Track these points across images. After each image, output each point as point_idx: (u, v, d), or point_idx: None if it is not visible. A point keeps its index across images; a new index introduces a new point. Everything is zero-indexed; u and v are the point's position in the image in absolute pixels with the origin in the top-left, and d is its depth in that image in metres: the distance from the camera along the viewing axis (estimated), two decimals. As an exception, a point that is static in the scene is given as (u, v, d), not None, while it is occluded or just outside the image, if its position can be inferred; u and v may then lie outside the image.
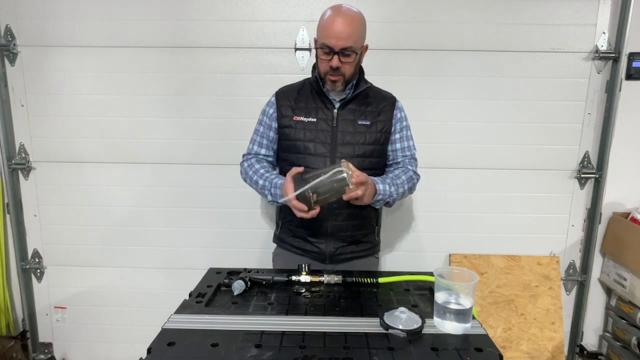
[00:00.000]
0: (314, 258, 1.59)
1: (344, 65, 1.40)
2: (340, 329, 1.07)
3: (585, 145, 2.21)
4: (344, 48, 1.37)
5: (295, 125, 1.51)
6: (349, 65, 1.42)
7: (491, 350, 0.99)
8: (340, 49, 1.37)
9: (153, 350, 0.98)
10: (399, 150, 1.58)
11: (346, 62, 1.40)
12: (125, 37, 2.12)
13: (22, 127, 2.22)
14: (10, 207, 2.25)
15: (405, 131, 1.59)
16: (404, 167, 1.57)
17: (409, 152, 1.59)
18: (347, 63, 1.41)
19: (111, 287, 2.36)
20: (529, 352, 2.21)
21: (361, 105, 1.52)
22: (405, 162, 1.58)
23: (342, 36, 1.36)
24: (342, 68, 1.41)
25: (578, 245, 2.31)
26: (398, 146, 1.58)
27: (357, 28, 1.39)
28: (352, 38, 1.37)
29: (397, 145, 1.57)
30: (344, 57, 1.39)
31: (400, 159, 1.58)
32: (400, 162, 1.58)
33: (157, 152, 2.23)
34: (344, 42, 1.37)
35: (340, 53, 1.38)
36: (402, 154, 1.58)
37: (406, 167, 1.57)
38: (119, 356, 2.42)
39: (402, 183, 1.51)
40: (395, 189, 1.47)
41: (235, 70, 2.15)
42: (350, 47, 1.38)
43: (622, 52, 2.06)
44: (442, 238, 2.30)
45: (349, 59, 1.40)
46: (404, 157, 1.58)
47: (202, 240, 2.31)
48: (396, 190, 1.47)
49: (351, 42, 1.37)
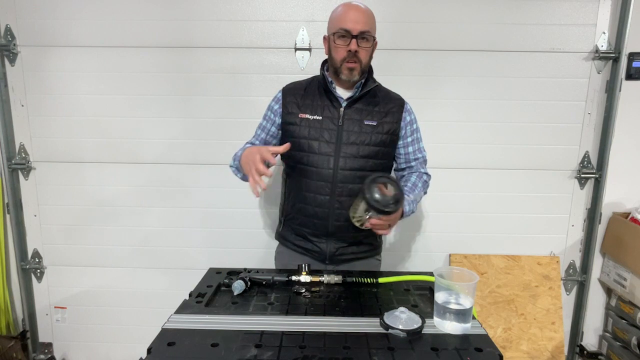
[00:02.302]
0: (314, 257, 1.59)
1: (361, 50, 1.43)
2: (340, 329, 1.07)
3: (585, 145, 2.21)
4: (362, 31, 1.41)
5: (300, 122, 1.50)
6: (365, 51, 1.44)
7: (491, 350, 0.99)
8: (359, 32, 1.40)
9: (153, 350, 0.98)
10: (411, 154, 1.59)
11: (363, 48, 1.43)
12: (125, 37, 2.12)
13: (22, 127, 2.22)
14: (10, 207, 2.25)
15: (417, 134, 1.60)
16: (417, 170, 1.59)
17: (420, 155, 1.61)
18: (364, 49, 1.43)
19: (111, 287, 2.36)
20: (529, 352, 2.21)
21: (368, 105, 1.52)
22: (418, 165, 1.60)
23: (360, 20, 1.41)
24: (359, 53, 1.43)
25: (578, 245, 2.31)
26: (410, 149, 1.58)
27: (372, 16, 1.46)
28: (370, 23, 1.44)
29: (410, 148, 1.58)
30: (362, 41, 1.42)
31: (413, 163, 1.60)
32: (414, 165, 1.60)
33: (157, 152, 2.23)
34: (362, 26, 1.41)
35: (358, 36, 1.41)
36: (414, 157, 1.59)
37: (419, 172, 1.59)
38: (119, 356, 2.42)
39: (420, 191, 1.55)
40: (415, 201, 1.50)
41: (235, 70, 2.15)
42: (368, 32, 1.42)
43: (622, 52, 2.06)
44: (442, 238, 2.30)
45: (366, 44, 1.44)
46: (416, 160, 1.60)
47: (202, 240, 2.31)
48: (416, 201, 1.51)
49: (369, 26, 1.42)
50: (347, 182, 1.49)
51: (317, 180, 1.50)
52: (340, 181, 1.48)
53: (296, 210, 1.57)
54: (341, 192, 1.49)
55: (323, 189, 1.49)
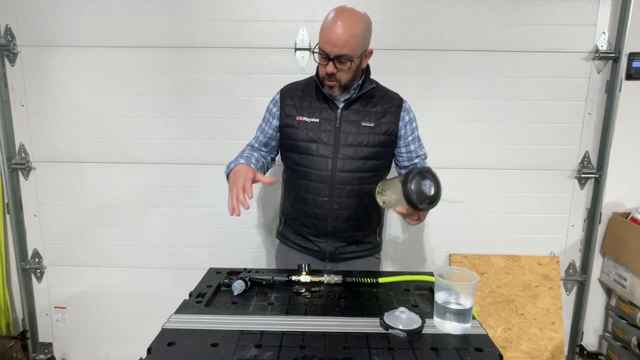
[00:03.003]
0: (314, 256, 1.60)
1: (339, 72, 1.38)
2: (340, 329, 1.07)
3: (585, 145, 2.21)
4: (338, 55, 1.34)
5: (298, 125, 1.50)
6: (344, 72, 1.39)
7: (491, 350, 0.99)
8: (335, 56, 1.35)
9: (153, 350, 0.98)
10: (413, 152, 1.59)
11: (342, 69, 1.38)
12: (125, 37, 2.12)
13: (22, 127, 2.22)
14: (10, 207, 2.25)
15: (417, 132, 1.60)
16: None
17: (421, 152, 1.62)
18: (342, 70, 1.38)
19: (111, 287, 2.36)
20: (529, 352, 2.21)
21: (366, 106, 1.51)
22: (421, 162, 1.61)
23: (337, 43, 1.32)
24: (337, 74, 1.38)
25: (578, 245, 2.31)
26: (412, 147, 1.58)
27: (355, 35, 1.33)
28: (348, 46, 1.32)
29: (412, 147, 1.58)
30: (340, 64, 1.36)
31: (415, 160, 1.60)
32: (417, 162, 1.61)
33: (157, 152, 2.23)
34: (339, 50, 1.32)
35: (335, 60, 1.35)
36: (416, 155, 1.60)
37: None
38: (119, 356, 2.42)
39: None
40: None
41: (235, 70, 2.15)
42: (345, 55, 1.34)
43: (622, 52, 2.06)
44: (442, 238, 2.30)
45: (344, 67, 1.36)
46: (419, 157, 1.61)
47: (202, 240, 2.31)
48: None
49: (346, 49, 1.33)
50: (346, 184, 1.49)
51: (315, 182, 1.50)
52: (339, 183, 1.48)
53: (296, 211, 1.58)
54: (340, 193, 1.49)
55: (322, 190, 1.50)
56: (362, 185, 1.50)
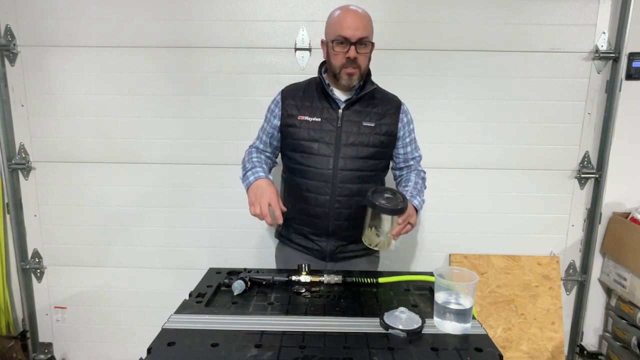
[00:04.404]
0: (314, 255, 1.61)
1: (360, 56, 1.43)
2: (340, 329, 1.07)
3: (585, 145, 2.21)
4: (360, 38, 1.40)
5: (300, 124, 1.52)
6: (364, 56, 1.45)
7: (491, 350, 0.99)
8: (358, 39, 1.40)
9: (153, 350, 0.98)
10: (409, 153, 1.63)
11: (362, 53, 1.43)
12: (125, 37, 2.12)
13: (22, 127, 2.22)
14: (10, 207, 2.25)
15: (414, 134, 1.64)
16: (415, 169, 1.64)
17: (417, 154, 1.66)
18: (363, 54, 1.44)
19: (111, 287, 2.36)
20: (529, 352, 2.21)
21: (367, 106, 1.53)
22: (415, 164, 1.65)
23: (358, 26, 1.40)
24: (358, 59, 1.43)
25: (578, 245, 2.31)
26: (409, 149, 1.62)
27: (369, 19, 1.45)
28: (368, 28, 1.43)
29: (408, 148, 1.62)
30: (361, 47, 1.42)
31: (411, 162, 1.64)
32: (412, 164, 1.64)
33: (157, 152, 2.23)
34: (361, 32, 1.40)
35: (357, 43, 1.41)
36: (412, 157, 1.64)
37: (417, 170, 1.64)
38: (119, 356, 2.42)
39: (422, 186, 1.60)
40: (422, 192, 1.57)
41: (235, 70, 2.15)
42: (366, 37, 1.42)
43: (622, 52, 2.06)
44: (442, 238, 2.30)
45: (365, 49, 1.44)
46: (414, 159, 1.65)
47: (203, 240, 2.31)
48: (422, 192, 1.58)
49: (367, 32, 1.42)
50: (347, 182, 1.50)
51: (317, 181, 1.51)
52: (340, 181, 1.50)
53: (297, 210, 1.59)
54: (341, 192, 1.51)
55: (323, 189, 1.51)
56: (362, 184, 1.51)
